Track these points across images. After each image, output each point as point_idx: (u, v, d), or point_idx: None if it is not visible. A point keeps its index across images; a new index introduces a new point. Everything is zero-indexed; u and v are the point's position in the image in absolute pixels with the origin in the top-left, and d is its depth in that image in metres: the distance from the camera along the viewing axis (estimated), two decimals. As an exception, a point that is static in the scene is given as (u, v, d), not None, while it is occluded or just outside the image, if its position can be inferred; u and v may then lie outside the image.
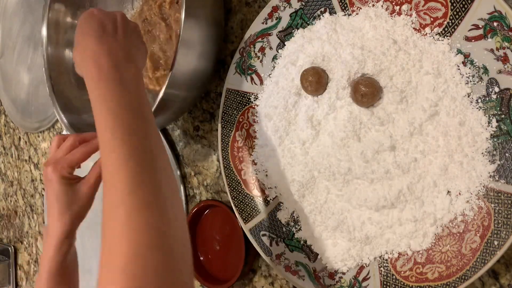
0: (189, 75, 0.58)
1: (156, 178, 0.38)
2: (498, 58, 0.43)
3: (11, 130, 1.16)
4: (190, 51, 0.56)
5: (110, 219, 0.36)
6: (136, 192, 0.36)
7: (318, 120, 0.53)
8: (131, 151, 0.39)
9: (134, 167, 0.38)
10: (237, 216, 0.60)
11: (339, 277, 0.52)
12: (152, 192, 0.37)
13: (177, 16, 0.68)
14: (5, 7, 1.13)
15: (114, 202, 0.37)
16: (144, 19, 0.72)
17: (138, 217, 0.35)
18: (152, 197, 0.37)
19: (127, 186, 0.37)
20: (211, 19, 0.59)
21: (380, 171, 0.48)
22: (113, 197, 0.37)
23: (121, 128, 0.40)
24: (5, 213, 1.20)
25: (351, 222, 0.51)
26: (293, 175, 0.55)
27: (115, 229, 0.35)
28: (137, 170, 0.38)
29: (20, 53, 1.08)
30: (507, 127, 0.43)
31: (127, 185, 0.37)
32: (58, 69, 0.73)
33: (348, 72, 0.50)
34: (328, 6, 0.55)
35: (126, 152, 0.39)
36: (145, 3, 0.73)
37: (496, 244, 0.41)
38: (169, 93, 0.56)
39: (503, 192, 0.42)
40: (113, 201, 0.37)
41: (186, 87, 0.59)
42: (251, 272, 0.65)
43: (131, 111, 0.42)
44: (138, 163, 0.38)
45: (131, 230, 0.35)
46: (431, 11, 0.47)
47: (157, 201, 0.37)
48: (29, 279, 1.12)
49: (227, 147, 0.62)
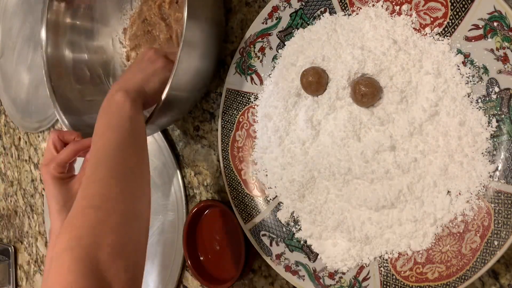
0: (191, 76, 0.58)
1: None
2: (498, 58, 0.43)
3: (11, 130, 1.16)
4: (191, 52, 0.56)
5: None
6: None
7: (318, 120, 0.53)
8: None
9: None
10: (237, 216, 0.60)
11: (339, 277, 0.52)
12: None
13: (177, 15, 0.68)
14: (5, 7, 1.13)
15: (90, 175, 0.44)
16: (143, 19, 0.72)
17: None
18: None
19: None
20: (212, 19, 0.59)
21: (380, 171, 0.48)
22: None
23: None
24: (5, 213, 1.20)
25: (351, 222, 0.51)
26: (293, 175, 0.55)
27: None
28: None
29: (20, 53, 1.07)
30: (507, 127, 0.43)
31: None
32: (58, 70, 0.73)
33: (348, 72, 0.50)
34: (328, 6, 0.55)
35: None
36: (144, 3, 0.73)
37: (496, 244, 0.41)
38: (171, 94, 0.56)
39: (503, 192, 0.42)
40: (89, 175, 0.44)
41: (188, 87, 0.60)
42: (251, 272, 0.65)
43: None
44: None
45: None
46: (431, 11, 0.47)
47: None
48: (29, 279, 1.12)
49: (227, 147, 0.62)
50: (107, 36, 0.78)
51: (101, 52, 0.77)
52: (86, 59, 0.76)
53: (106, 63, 0.77)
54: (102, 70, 0.76)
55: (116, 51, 0.77)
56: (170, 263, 0.73)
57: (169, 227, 0.74)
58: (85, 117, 0.70)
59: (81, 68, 0.75)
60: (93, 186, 0.43)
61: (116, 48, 0.77)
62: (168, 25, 0.70)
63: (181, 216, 0.72)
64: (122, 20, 0.77)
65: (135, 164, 0.47)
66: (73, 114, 0.70)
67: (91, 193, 0.43)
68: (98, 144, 0.48)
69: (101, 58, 0.77)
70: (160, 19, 0.70)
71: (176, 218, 0.73)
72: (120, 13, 0.77)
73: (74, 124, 0.68)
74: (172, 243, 0.73)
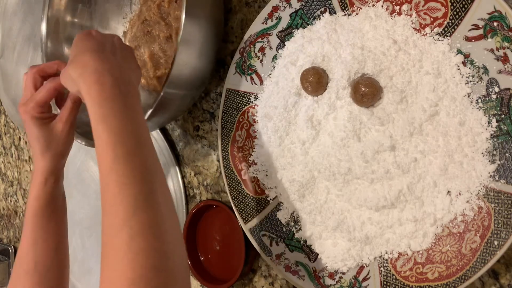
0: (188, 74, 0.58)
1: (156, 200, 0.39)
2: (498, 58, 0.43)
3: (11, 130, 1.16)
4: (189, 50, 0.57)
5: (113, 241, 0.37)
6: (138, 215, 0.37)
7: (318, 120, 0.53)
8: (133, 173, 0.39)
9: (136, 189, 0.38)
10: (237, 216, 0.60)
11: (339, 277, 0.52)
12: (153, 214, 0.38)
13: (176, 14, 0.68)
14: (5, 7, 1.13)
15: (116, 224, 0.37)
16: (143, 20, 0.72)
17: (141, 240, 0.36)
18: (153, 219, 0.37)
19: (129, 209, 0.37)
20: (211, 18, 0.59)
21: (380, 171, 0.48)
22: (115, 219, 0.37)
23: (123, 148, 0.40)
24: (5, 213, 1.20)
25: (351, 222, 0.51)
26: (293, 175, 0.55)
27: (118, 251, 0.36)
28: (139, 192, 0.38)
29: (20, 53, 1.07)
30: (507, 127, 0.43)
31: (129, 208, 0.37)
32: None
33: (348, 72, 0.50)
34: (328, 6, 0.55)
35: (127, 173, 0.39)
36: (143, 4, 0.73)
37: (496, 244, 0.41)
38: (169, 92, 0.56)
39: (503, 192, 0.42)
40: (115, 223, 0.37)
41: (186, 86, 0.60)
42: (251, 272, 0.65)
43: (132, 132, 0.42)
44: (139, 185, 0.39)
45: (135, 253, 0.35)
46: (431, 11, 0.47)
47: (158, 223, 0.38)
48: (29, 279, 1.12)
49: (227, 147, 0.62)
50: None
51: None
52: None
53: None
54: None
55: (116, 56, 0.78)
56: (170, 263, 0.73)
57: (169, 227, 0.74)
58: (83, 115, 0.70)
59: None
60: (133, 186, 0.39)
61: (116, 52, 0.78)
62: (167, 24, 0.70)
63: (181, 216, 0.72)
64: (122, 24, 0.77)
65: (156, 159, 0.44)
66: None
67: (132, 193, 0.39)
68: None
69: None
70: (160, 18, 0.70)
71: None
72: (119, 17, 0.77)
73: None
74: (172, 243, 0.73)
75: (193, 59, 0.58)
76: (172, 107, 0.61)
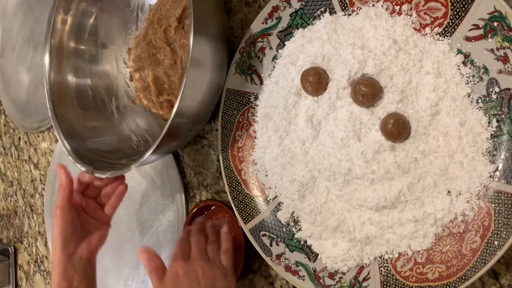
0: (195, 107, 0.57)
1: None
2: (498, 58, 0.43)
3: (11, 130, 1.16)
4: (196, 83, 0.55)
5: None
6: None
7: (318, 120, 0.53)
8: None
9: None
10: (237, 216, 0.60)
11: (339, 277, 0.52)
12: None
13: (182, 41, 0.67)
14: (5, 7, 1.13)
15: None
16: (148, 41, 0.72)
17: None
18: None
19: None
20: (219, 44, 0.58)
21: (380, 171, 0.48)
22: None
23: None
24: (5, 213, 1.20)
25: (351, 222, 0.51)
26: (293, 175, 0.55)
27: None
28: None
29: (20, 53, 1.07)
30: (507, 127, 0.42)
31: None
32: (60, 93, 0.71)
33: (348, 72, 0.50)
34: (328, 6, 0.54)
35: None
36: (149, 26, 0.72)
37: (497, 244, 0.41)
38: (175, 122, 0.54)
39: (503, 192, 0.42)
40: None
41: (192, 119, 0.59)
42: (251, 272, 0.65)
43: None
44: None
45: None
46: (431, 11, 0.47)
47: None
48: (29, 279, 1.12)
49: (227, 147, 0.62)
50: (111, 55, 0.77)
51: (105, 76, 0.76)
52: (90, 84, 0.75)
53: (109, 85, 0.76)
54: (105, 93, 0.75)
55: (119, 71, 0.77)
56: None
57: (169, 227, 0.74)
58: (88, 142, 0.69)
59: (85, 92, 0.74)
60: None
61: (120, 67, 0.76)
62: (173, 50, 0.69)
63: (181, 216, 0.72)
64: (127, 40, 0.76)
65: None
66: (75, 139, 0.68)
67: None
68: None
69: (105, 81, 0.76)
70: (165, 43, 0.69)
71: (176, 218, 0.73)
72: (125, 33, 0.76)
73: (76, 149, 0.67)
74: (172, 243, 0.73)
75: (200, 92, 0.56)
76: (178, 138, 0.60)
